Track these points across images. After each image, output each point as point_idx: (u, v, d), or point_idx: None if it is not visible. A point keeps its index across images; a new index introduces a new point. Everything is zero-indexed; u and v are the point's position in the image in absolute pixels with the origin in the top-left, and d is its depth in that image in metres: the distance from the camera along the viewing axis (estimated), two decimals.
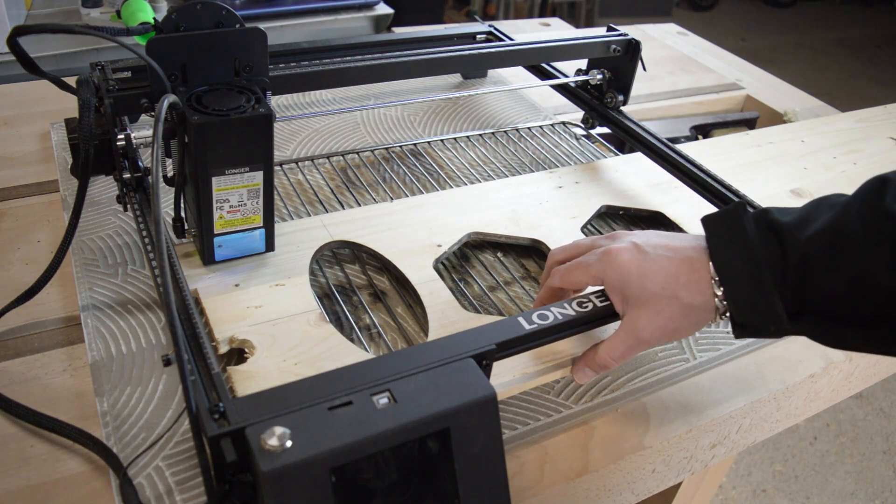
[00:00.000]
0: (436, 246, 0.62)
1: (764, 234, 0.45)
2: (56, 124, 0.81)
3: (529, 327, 0.48)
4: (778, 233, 0.44)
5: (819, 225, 0.43)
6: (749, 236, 0.45)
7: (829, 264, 0.43)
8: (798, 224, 0.44)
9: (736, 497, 1.60)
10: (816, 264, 0.43)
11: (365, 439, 0.36)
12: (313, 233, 0.62)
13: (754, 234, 0.45)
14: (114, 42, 0.49)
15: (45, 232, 0.66)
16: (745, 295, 0.45)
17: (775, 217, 0.45)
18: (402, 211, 0.66)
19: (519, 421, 0.50)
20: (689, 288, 0.46)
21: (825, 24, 4.68)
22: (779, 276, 0.44)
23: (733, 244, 0.45)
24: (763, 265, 0.44)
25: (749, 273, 0.45)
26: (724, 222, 0.47)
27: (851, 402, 1.87)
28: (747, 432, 0.58)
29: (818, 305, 0.44)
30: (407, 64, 0.71)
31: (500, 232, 0.65)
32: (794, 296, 0.44)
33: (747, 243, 0.45)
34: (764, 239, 0.45)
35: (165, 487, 0.43)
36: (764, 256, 0.44)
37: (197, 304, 0.53)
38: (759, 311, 0.45)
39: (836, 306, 0.43)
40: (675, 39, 1.32)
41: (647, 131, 0.77)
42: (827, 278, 0.43)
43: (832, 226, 0.43)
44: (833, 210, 0.44)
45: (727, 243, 0.46)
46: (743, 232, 0.45)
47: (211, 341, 0.51)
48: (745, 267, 0.45)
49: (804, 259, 0.43)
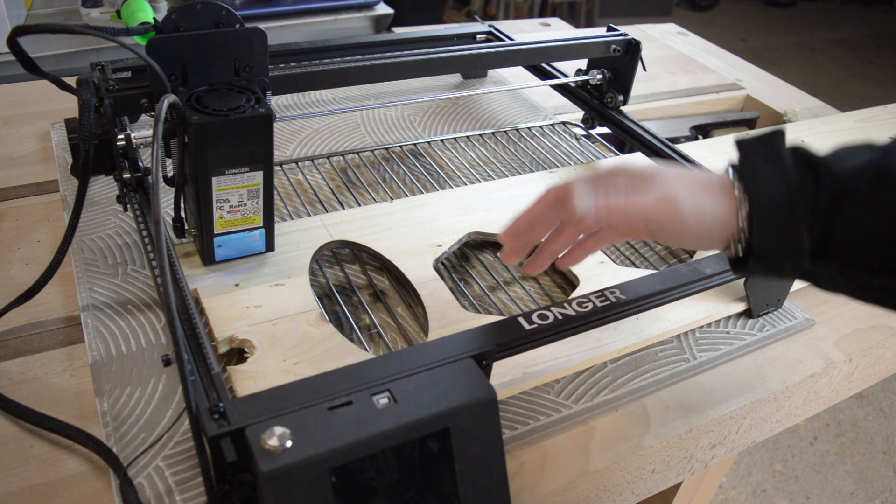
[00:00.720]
0: (436, 246, 0.62)
1: (801, 166, 0.43)
2: (56, 124, 0.81)
3: (529, 327, 0.48)
4: (813, 164, 0.42)
5: (859, 161, 0.41)
6: (785, 161, 0.43)
7: (869, 201, 0.40)
8: (834, 158, 0.42)
9: (736, 497, 1.60)
10: (854, 199, 0.41)
11: (365, 439, 0.36)
12: (313, 233, 0.62)
13: (790, 160, 0.43)
14: (114, 42, 0.49)
15: (45, 232, 0.66)
16: (772, 220, 0.42)
17: (808, 150, 0.43)
18: (402, 211, 0.66)
19: (519, 421, 0.50)
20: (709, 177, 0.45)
21: (825, 24, 4.68)
22: (810, 207, 0.42)
23: (768, 164, 0.43)
24: (797, 193, 0.42)
25: (781, 198, 0.42)
26: (760, 144, 0.44)
27: (851, 402, 1.87)
28: (747, 432, 0.58)
29: (844, 246, 0.41)
30: (407, 64, 0.71)
31: (499, 232, 0.65)
32: (821, 232, 0.42)
33: (783, 167, 0.43)
34: (801, 170, 0.42)
35: (165, 487, 0.43)
36: (798, 184, 0.42)
37: (197, 304, 0.53)
38: (784, 241, 0.42)
39: (864, 249, 0.41)
40: (675, 39, 1.32)
41: (647, 131, 0.77)
42: (864, 216, 0.40)
43: (875, 163, 0.41)
44: (873, 151, 0.42)
45: (762, 163, 0.43)
46: (779, 156, 0.43)
47: (211, 341, 0.51)
48: (778, 191, 0.42)
49: (841, 192, 0.41)
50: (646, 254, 0.68)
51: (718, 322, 0.61)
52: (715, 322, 0.61)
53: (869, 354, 0.62)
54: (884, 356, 0.65)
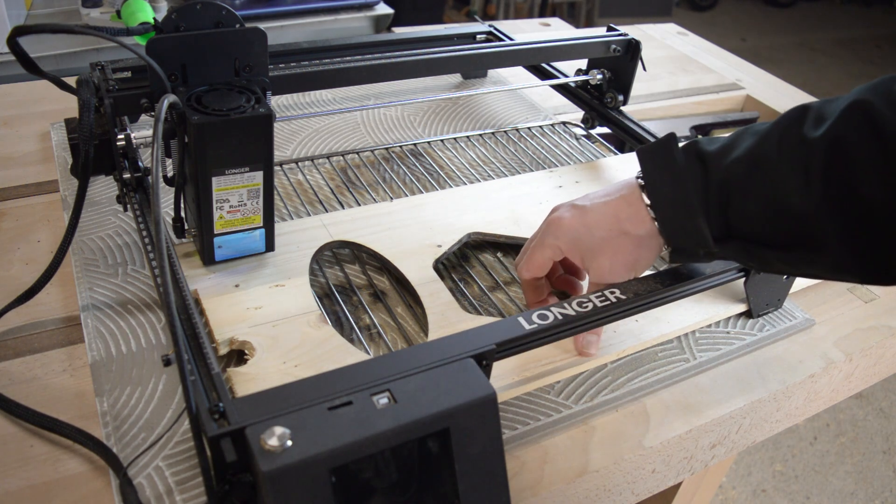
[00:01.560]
0: (436, 246, 0.62)
1: (691, 161, 0.48)
2: (56, 124, 0.81)
3: (529, 327, 0.48)
4: (703, 159, 0.47)
5: (740, 151, 0.46)
6: (677, 163, 0.48)
7: (747, 187, 0.45)
8: (721, 151, 0.47)
9: (736, 497, 1.60)
10: (736, 187, 0.45)
11: (365, 439, 0.36)
12: (313, 233, 0.62)
13: (682, 160, 0.48)
14: (114, 42, 0.49)
15: (45, 232, 0.66)
16: (674, 219, 0.48)
17: (702, 146, 0.48)
18: (401, 211, 0.66)
19: (519, 421, 0.50)
20: (633, 221, 0.50)
21: (825, 24, 4.68)
22: (703, 200, 0.47)
23: (663, 171, 0.48)
24: (689, 189, 0.47)
25: (677, 197, 0.47)
26: (655, 152, 0.49)
27: (851, 402, 1.87)
28: (747, 432, 0.58)
29: (740, 228, 0.46)
30: (407, 64, 0.71)
31: (500, 232, 0.65)
32: (718, 219, 0.47)
33: (675, 169, 0.48)
34: (690, 165, 0.48)
35: (165, 487, 0.43)
36: (690, 181, 0.47)
37: (197, 305, 0.54)
38: (688, 234, 0.48)
39: (755, 229, 0.45)
40: (675, 39, 1.32)
41: (647, 131, 0.77)
42: (745, 201, 0.45)
43: (751, 151, 0.45)
44: (754, 137, 0.46)
45: (658, 170, 0.49)
46: (672, 159, 0.48)
47: (211, 343, 0.51)
48: (673, 191, 0.48)
49: (725, 183, 0.46)
50: None
51: (718, 322, 0.61)
52: (715, 322, 0.61)
53: (869, 354, 0.62)
54: (884, 356, 0.65)
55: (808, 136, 0.42)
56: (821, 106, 0.44)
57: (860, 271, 0.42)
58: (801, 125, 0.43)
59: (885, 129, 0.39)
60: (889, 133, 0.39)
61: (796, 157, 0.43)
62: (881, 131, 0.39)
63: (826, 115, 0.43)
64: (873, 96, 0.40)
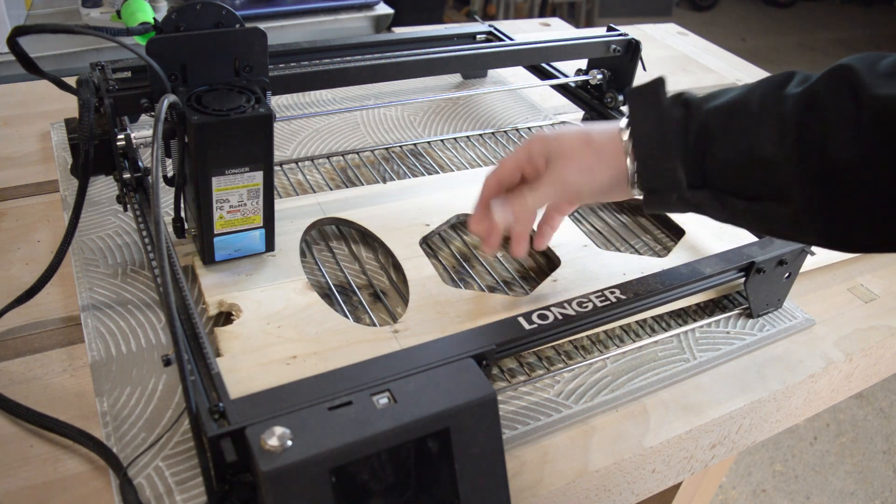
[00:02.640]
0: (424, 225, 0.65)
1: (676, 105, 0.48)
2: (56, 124, 0.81)
3: (529, 327, 0.48)
4: (687, 105, 0.48)
5: (723, 100, 0.47)
6: (663, 105, 0.49)
7: (725, 134, 0.46)
8: (705, 98, 0.48)
9: (736, 497, 1.60)
10: (714, 133, 0.46)
11: (365, 439, 0.36)
12: (308, 209, 0.65)
13: (668, 103, 0.49)
14: (114, 42, 0.49)
15: (45, 232, 0.66)
16: (651, 158, 0.49)
17: (689, 94, 0.49)
18: (394, 192, 0.69)
19: (519, 421, 0.50)
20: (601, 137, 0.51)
21: (825, 24, 4.68)
22: (682, 143, 0.47)
23: (647, 110, 0.49)
24: (670, 131, 0.48)
25: (657, 137, 0.48)
26: (644, 92, 0.50)
27: (851, 402, 1.87)
28: (747, 432, 0.58)
29: (714, 176, 0.47)
30: (407, 64, 0.71)
31: None
32: (694, 164, 0.47)
33: (660, 110, 0.49)
34: (674, 108, 0.48)
35: (165, 487, 0.43)
36: (672, 124, 0.48)
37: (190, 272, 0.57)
38: (663, 175, 0.48)
39: (729, 176, 0.46)
40: (675, 39, 1.32)
41: None
42: (722, 148, 0.46)
43: (733, 101, 0.46)
44: (739, 90, 0.47)
45: (642, 110, 0.49)
46: (658, 101, 0.49)
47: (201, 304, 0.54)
48: (655, 131, 0.48)
49: (703, 128, 0.47)
50: (630, 240, 0.69)
51: (718, 322, 0.61)
52: (715, 322, 0.61)
53: (869, 354, 0.62)
54: (884, 356, 0.65)
55: (791, 92, 0.44)
56: (808, 73, 0.46)
57: (819, 228, 0.43)
58: (784, 85, 0.45)
59: (862, 92, 0.40)
60: (865, 97, 0.40)
61: (775, 109, 0.44)
62: (858, 94, 0.41)
63: (810, 78, 0.44)
64: (857, 63, 0.42)
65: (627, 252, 0.67)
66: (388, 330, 0.53)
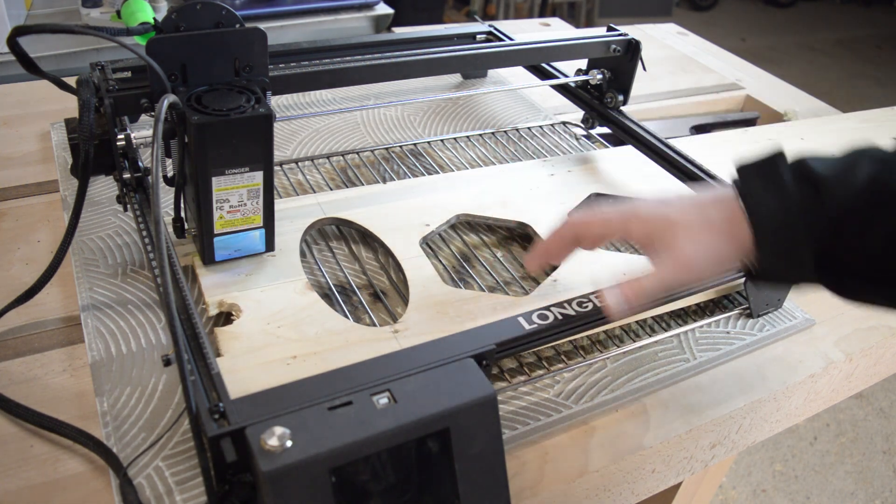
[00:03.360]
0: (424, 225, 0.65)
1: (802, 185, 0.44)
2: (56, 124, 0.81)
3: (529, 327, 0.48)
4: (815, 183, 0.43)
5: (859, 179, 0.42)
6: (785, 184, 0.44)
7: (868, 220, 0.42)
8: (837, 176, 0.43)
9: (736, 497, 1.60)
10: (854, 219, 0.42)
11: (365, 439, 0.36)
12: (308, 209, 0.65)
13: (791, 181, 0.44)
14: (114, 42, 0.49)
15: (45, 232, 0.66)
16: (776, 242, 0.44)
17: (813, 167, 0.44)
18: (394, 192, 0.69)
19: (519, 421, 0.50)
20: (723, 215, 0.46)
21: (825, 24, 4.68)
22: (813, 228, 0.43)
23: (767, 190, 0.44)
24: (798, 215, 0.43)
25: (783, 221, 0.43)
26: (760, 169, 0.45)
27: (851, 402, 1.87)
28: (747, 432, 0.58)
29: (847, 260, 0.43)
30: (407, 64, 0.71)
31: (488, 214, 0.67)
32: (825, 248, 0.43)
33: (783, 191, 0.44)
34: (801, 188, 0.43)
35: (165, 487, 0.43)
36: (800, 206, 0.43)
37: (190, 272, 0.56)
38: (787, 260, 0.44)
39: (865, 263, 0.42)
40: (675, 39, 1.32)
41: (647, 131, 0.77)
42: (863, 234, 0.42)
43: (874, 182, 0.42)
44: (875, 165, 0.43)
45: (761, 189, 0.44)
46: (779, 179, 0.44)
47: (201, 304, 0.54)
48: (779, 214, 0.44)
49: (842, 212, 0.42)
50: None
51: (718, 322, 0.61)
52: (715, 322, 0.61)
53: (869, 354, 0.62)
54: (884, 356, 0.65)
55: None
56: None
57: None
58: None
59: None
60: None
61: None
62: None
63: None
64: None
65: (627, 252, 0.66)
66: (388, 330, 0.53)
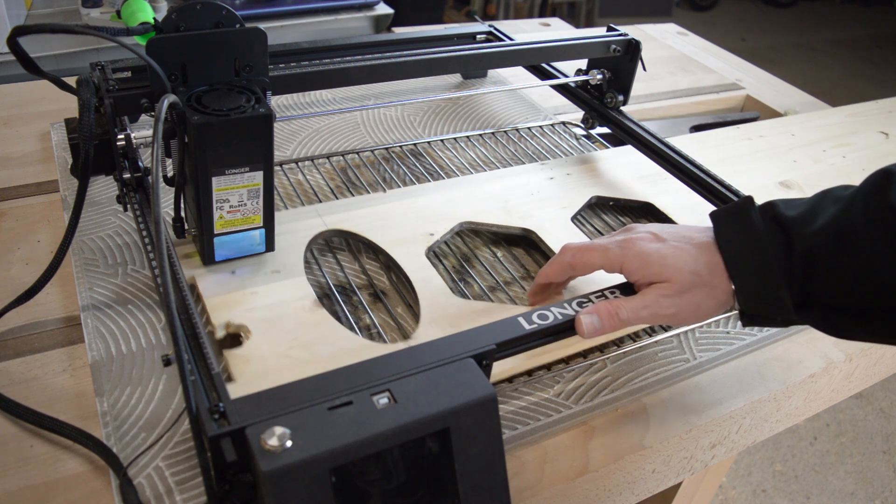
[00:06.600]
0: (428, 235, 0.64)
1: (771, 228, 0.46)
2: (56, 124, 0.81)
3: (529, 327, 0.48)
4: (784, 227, 0.46)
5: (824, 219, 0.45)
6: (757, 230, 0.46)
7: (834, 258, 0.44)
8: (804, 218, 0.46)
9: (736, 497, 1.60)
10: (822, 258, 0.44)
11: (365, 439, 0.36)
12: (308, 222, 0.64)
13: (761, 227, 0.46)
14: (114, 42, 0.49)
15: (45, 232, 0.66)
16: (753, 287, 0.46)
17: (781, 211, 0.47)
18: (395, 201, 0.68)
19: (519, 421, 0.50)
20: (710, 268, 0.48)
21: (825, 24, 4.67)
22: (786, 269, 0.45)
23: (741, 238, 0.47)
24: (771, 258, 0.46)
25: (757, 266, 0.46)
26: (732, 217, 0.48)
27: (851, 402, 1.87)
28: (747, 432, 0.58)
29: (823, 297, 0.45)
30: (407, 64, 0.71)
31: (491, 221, 0.67)
32: (800, 288, 0.46)
33: (755, 237, 0.46)
34: (771, 233, 0.46)
35: (165, 487, 0.43)
36: (772, 250, 0.46)
37: (193, 291, 0.55)
38: (768, 302, 0.46)
39: (840, 298, 0.44)
40: (675, 39, 1.32)
41: (646, 131, 0.77)
42: (832, 271, 0.44)
43: (837, 220, 0.44)
44: (837, 204, 0.45)
45: (736, 237, 0.47)
46: (751, 226, 0.47)
47: (207, 326, 0.52)
48: (753, 260, 0.46)
49: (810, 253, 0.45)
50: None
51: (718, 322, 0.61)
52: (715, 322, 0.61)
53: (869, 354, 0.62)
54: (884, 356, 0.65)
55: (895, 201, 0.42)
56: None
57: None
58: (886, 192, 0.43)
59: None
60: None
61: (884, 227, 0.42)
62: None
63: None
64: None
65: None
66: (402, 346, 0.52)
